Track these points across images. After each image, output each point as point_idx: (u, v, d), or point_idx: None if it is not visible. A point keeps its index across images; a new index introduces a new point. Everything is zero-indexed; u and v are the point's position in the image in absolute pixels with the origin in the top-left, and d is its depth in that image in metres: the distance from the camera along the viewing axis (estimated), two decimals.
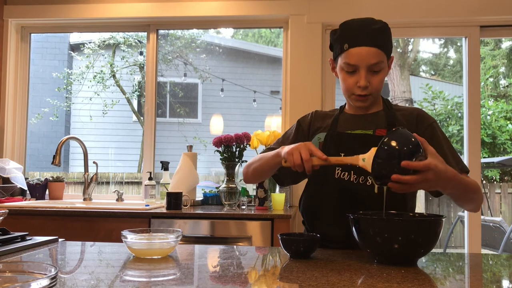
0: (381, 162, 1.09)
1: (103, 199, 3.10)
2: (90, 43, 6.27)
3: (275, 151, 1.35)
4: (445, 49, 9.82)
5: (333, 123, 1.47)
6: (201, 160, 2.96)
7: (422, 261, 1.13)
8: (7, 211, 1.22)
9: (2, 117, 3.13)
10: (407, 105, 7.38)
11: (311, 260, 1.13)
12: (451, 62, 9.98)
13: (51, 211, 2.39)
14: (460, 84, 7.98)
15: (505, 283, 1.00)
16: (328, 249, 1.27)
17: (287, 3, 2.93)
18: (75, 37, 7.06)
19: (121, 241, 1.16)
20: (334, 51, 1.44)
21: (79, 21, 3.18)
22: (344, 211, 1.17)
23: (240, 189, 2.62)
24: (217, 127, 6.01)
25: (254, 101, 7.24)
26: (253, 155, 2.76)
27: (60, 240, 1.37)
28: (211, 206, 2.73)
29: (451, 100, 8.04)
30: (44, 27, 3.30)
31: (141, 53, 6.37)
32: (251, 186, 3.03)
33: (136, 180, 5.06)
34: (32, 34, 3.32)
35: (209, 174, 4.92)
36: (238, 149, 2.66)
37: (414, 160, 1.07)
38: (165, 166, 2.92)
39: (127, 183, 5.16)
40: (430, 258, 1.19)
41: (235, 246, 1.42)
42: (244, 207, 2.57)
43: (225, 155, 2.64)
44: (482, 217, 3.97)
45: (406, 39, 7.86)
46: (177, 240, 1.15)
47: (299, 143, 1.23)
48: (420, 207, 6.81)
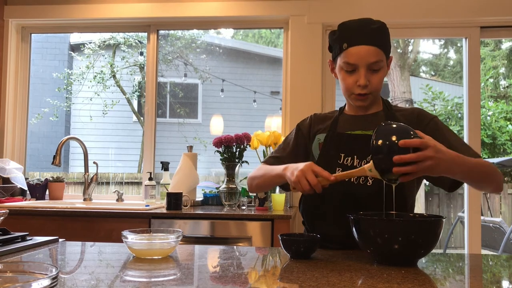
0: (381, 157, 1.08)
1: (103, 199, 3.11)
2: (90, 43, 6.27)
3: (277, 171, 1.34)
4: (445, 50, 9.82)
5: (332, 124, 1.47)
6: (201, 160, 2.96)
7: (422, 262, 1.13)
8: (7, 211, 1.22)
9: (2, 117, 3.13)
10: (407, 105, 7.40)
11: (312, 260, 1.13)
12: (451, 62, 9.98)
13: (51, 211, 2.39)
14: (460, 85, 7.98)
15: (505, 283, 1.00)
16: (328, 249, 1.27)
17: (287, 3, 2.94)
18: (75, 38, 7.06)
19: (121, 241, 1.16)
20: (333, 51, 1.44)
21: (79, 22, 3.18)
22: (345, 212, 1.17)
23: (240, 189, 2.62)
24: (217, 127, 6.01)
25: (254, 101, 7.24)
26: (253, 156, 2.79)
27: (60, 240, 1.37)
28: (211, 207, 2.73)
29: (451, 100, 8.04)
30: (45, 27, 3.30)
31: (141, 54, 6.38)
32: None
33: (136, 181, 5.06)
34: (33, 34, 3.32)
35: (209, 175, 4.92)
36: (238, 149, 2.66)
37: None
38: (165, 166, 2.92)
39: (127, 183, 5.16)
40: (430, 259, 1.19)
41: (235, 247, 1.42)
42: (244, 207, 2.57)
43: (225, 155, 2.64)
44: (482, 217, 3.96)
45: (406, 39, 7.86)
46: (177, 241, 1.16)
47: (302, 167, 1.21)
48: (420, 207, 6.81)
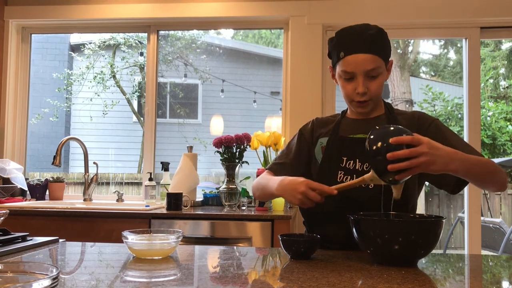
0: (377, 159, 1.08)
1: (103, 200, 3.11)
2: (90, 43, 6.27)
3: (272, 189, 1.35)
4: (445, 50, 9.82)
5: (335, 127, 1.48)
6: (201, 160, 2.96)
7: (422, 262, 1.13)
8: (8, 211, 1.22)
9: (3, 117, 3.13)
10: (407, 106, 7.41)
11: (312, 261, 1.13)
12: (451, 63, 9.99)
13: (52, 211, 2.39)
14: (460, 85, 7.98)
15: (505, 284, 1.00)
16: (329, 249, 1.28)
17: (287, 4, 2.94)
18: (76, 38, 7.06)
19: (121, 241, 1.16)
20: (332, 59, 1.45)
21: (79, 22, 3.18)
22: (346, 214, 1.17)
23: (240, 190, 2.62)
24: (217, 127, 6.01)
25: (254, 102, 7.24)
26: (253, 156, 2.79)
27: (60, 240, 1.37)
28: (211, 207, 2.73)
29: (451, 101, 8.04)
30: (45, 28, 3.30)
31: (141, 54, 6.38)
32: (251, 187, 3.03)
33: (136, 181, 5.06)
34: (33, 35, 3.32)
35: (209, 175, 4.92)
36: (238, 150, 2.66)
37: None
38: (165, 166, 2.92)
39: (127, 183, 5.16)
40: (430, 259, 1.19)
41: (235, 247, 1.42)
42: (244, 207, 2.57)
43: (225, 155, 2.64)
44: (482, 218, 3.96)
45: (406, 40, 7.86)
46: (177, 241, 1.16)
47: (299, 189, 1.21)
48: (420, 208, 6.80)
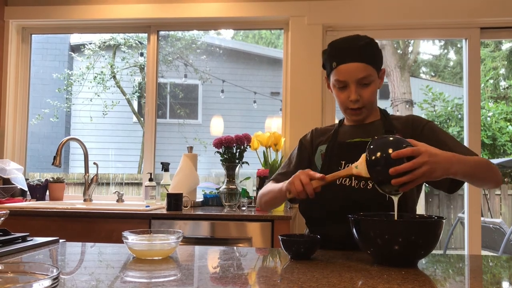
0: (378, 170, 1.10)
1: (103, 200, 3.10)
2: (90, 44, 6.28)
3: (280, 185, 1.39)
4: (445, 51, 9.83)
5: (333, 135, 1.53)
6: (201, 161, 2.96)
7: (422, 263, 1.13)
8: (8, 212, 1.22)
9: (3, 118, 3.13)
10: (407, 106, 7.42)
11: (312, 261, 1.13)
12: (451, 63, 9.99)
13: (52, 212, 2.39)
14: (460, 86, 7.99)
15: (505, 284, 1.00)
16: (329, 249, 1.28)
17: (287, 4, 2.94)
18: (76, 38, 7.07)
19: (121, 242, 1.16)
20: (326, 69, 1.51)
21: (79, 22, 3.18)
22: (347, 214, 1.18)
23: (240, 190, 2.62)
24: (218, 128, 6.01)
25: (255, 102, 7.24)
26: (253, 156, 2.79)
27: (60, 241, 1.37)
28: (211, 207, 2.73)
29: (451, 101, 8.04)
30: (45, 28, 3.30)
31: (141, 54, 6.38)
32: (251, 187, 3.03)
33: (136, 181, 5.07)
34: (33, 35, 3.32)
35: (209, 175, 4.93)
36: (238, 150, 2.66)
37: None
38: (165, 167, 2.92)
39: (127, 184, 5.17)
40: (430, 260, 1.19)
41: (235, 247, 1.42)
42: (244, 208, 2.57)
43: (225, 156, 2.64)
44: (482, 218, 3.96)
45: (406, 40, 7.86)
46: (177, 241, 1.16)
47: (297, 172, 1.26)
48: (420, 208, 6.81)
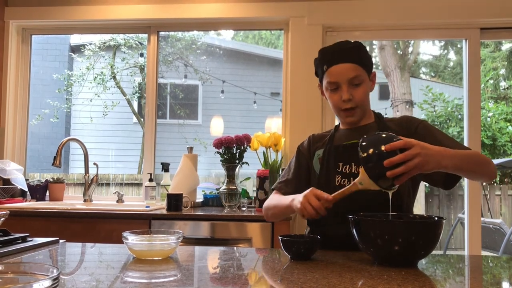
0: (372, 165, 1.11)
1: (103, 201, 3.10)
2: (90, 44, 6.28)
3: (286, 202, 1.41)
4: (445, 51, 9.84)
5: (329, 139, 1.56)
6: (201, 161, 2.96)
7: (422, 263, 1.13)
8: (8, 212, 1.22)
9: (3, 118, 3.13)
10: (407, 106, 7.43)
11: (312, 261, 1.13)
12: (451, 64, 10.00)
13: (52, 212, 2.39)
14: (460, 86, 7.99)
15: (505, 285, 1.00)
16: (329, 250, 1.28)
17: (287, 5, 2.94)
18: (76, 39, 7.07)
19: (121, 242, 1.16)
20: (319, 75, 1.56)
21: (80, 23, 3.18)
22: (347, 215, 1.18)
23: (241, 190, 2.62)
24: (218, 128, 6.01)
25: (255, 102, 7.24)
26: (253, 157, 2.79)
27: (60, 241, 1.37)
28: (211, 208, 2.73)
29: (451, 102, 8.04)
30: (45, 29, 3.30)
31: (141, 55, 6.38)
32: (251, 187, 3.03)
33: (136, 182, 5.06)
34: (33, 36, 3.32)
35: (209, 176, 4.93)
36: (238, 150, 2.66)
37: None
38: (165, 167, 2.92)
39: (128, 184, 5.16)
40: (430, 260, 1.19)
41: (235, 248, 1.43)
42: (244, 208, 2.57)
43: (225, 156, 2.64)
44: (482, 219, 3.96)
45: (406, 41, 7.86)
46: (177, 242, 1.16)
47: (305, 193, 1.27)
48: (420, 208, 6.81)
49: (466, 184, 2.86)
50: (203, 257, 1.26)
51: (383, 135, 1.15)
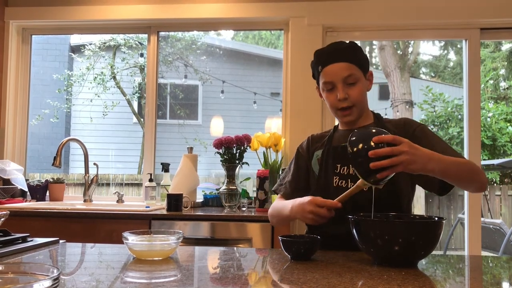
0: (360, 160, 1.12)
1: (103, 201, 3.10)
2: (90, 44, 6.28)
3: (286, 213, 1.43)
4: (445, 51, 9.84)
5: (328, 140, 1.57)
6: (201, 161, 2.96)
7: (423, 263, 1.13)
8: (8, 212, 1.22)
9: (3, 118, 3.13)
10: (407, 107, 7.43)
11: (312, 262, 1.13)
12: (451, 64, 10.00)
13: (52, 212, 2.39)
14: (460, 86, 7.99)
15: (505, 285, 1.00)
16: (329, 250, 1.28)
17: (287, 5, 2.94)
18: (76, 39, 7.07)
19: (121, 242, 1.16)
20: (315, 77, 1.57)
21: (80, 23, 3.18)
22: (346, 215, 1.18)
23: (241, 190, 2.62)
24: (218, 128, 6.01)
25: (255, 103, 7.24)
26: (253, 157, 2.79)
27: (60, 241, 1.37)
28: (212, 208, 2.73)
29: (451, 102, 8.04)
30: (45, 29, 3.30)
31: (141, 55, 6.38)
32: (251, 187, 3.03)
33: (136, 182, 5.06)
34: (33, 36, 3.32)
35: (209, 176, 4.93)
36: (238, 150, 2.66)
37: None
38: (165, 167, 2.92)
39: (128, 184, 5.16)
40: (430, 260, 1.19)
41: (235, 248, 1.43)
42: (244, 208, 2.57)
43: (225, 156, 2.64)
44: (482, 219, 3.96)
45: (406, 41, 7.86)
46: (178, 242, 1.16)
47: (307, 208, 1.29)
48: (420, 209, 6.80)
49: None
50: (203, 257, 1.26)
51: (372, 129, 1.16)
